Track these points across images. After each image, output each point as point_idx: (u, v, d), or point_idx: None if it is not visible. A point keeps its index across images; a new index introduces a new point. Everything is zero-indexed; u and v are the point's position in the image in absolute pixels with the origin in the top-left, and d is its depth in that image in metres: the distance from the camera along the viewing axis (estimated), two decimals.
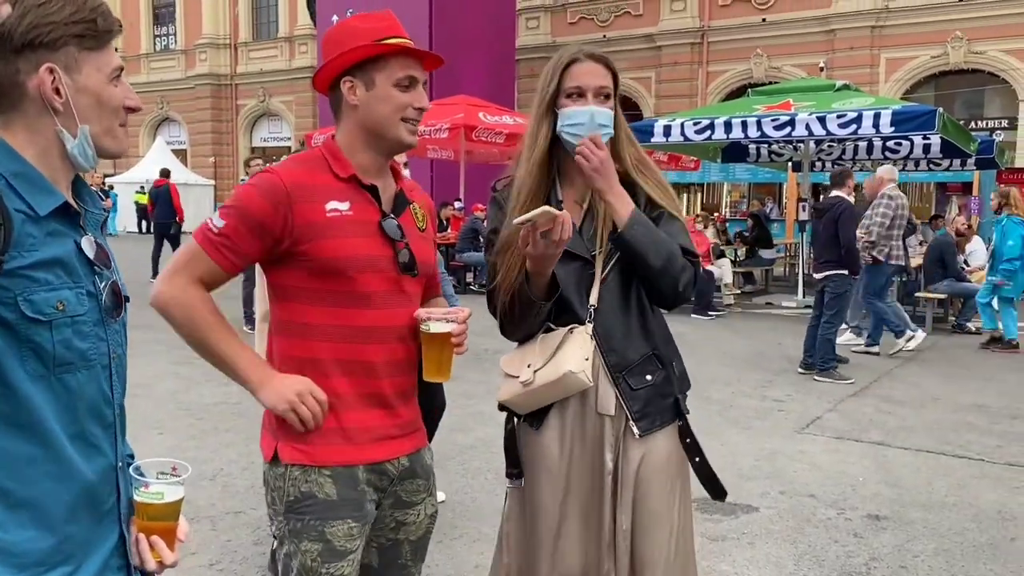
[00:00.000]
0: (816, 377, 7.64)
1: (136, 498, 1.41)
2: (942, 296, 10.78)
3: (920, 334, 9.06)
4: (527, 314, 2.02)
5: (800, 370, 7.85)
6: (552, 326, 2.06)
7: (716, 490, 2.15)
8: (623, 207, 1.98)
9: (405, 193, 1.92)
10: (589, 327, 2.02)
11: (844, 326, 9.43)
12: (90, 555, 1.36)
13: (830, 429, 6.04)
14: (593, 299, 2.03)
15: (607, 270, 2.04)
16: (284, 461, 1.79)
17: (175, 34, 33.28)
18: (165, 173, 16.08)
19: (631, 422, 2.02)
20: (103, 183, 18.60)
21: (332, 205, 1.78)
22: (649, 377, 2.04)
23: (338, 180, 1.81)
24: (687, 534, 2.12)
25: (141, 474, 1.41)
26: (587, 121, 1.98)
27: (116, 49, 1.42)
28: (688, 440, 2.09)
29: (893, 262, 8.75)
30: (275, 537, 1.88)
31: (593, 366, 2.00)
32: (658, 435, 2.04)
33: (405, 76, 1.79)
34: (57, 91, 1.29)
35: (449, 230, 14.01)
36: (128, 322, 1.47)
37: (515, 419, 2.16)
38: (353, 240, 1.78)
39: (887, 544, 4.01)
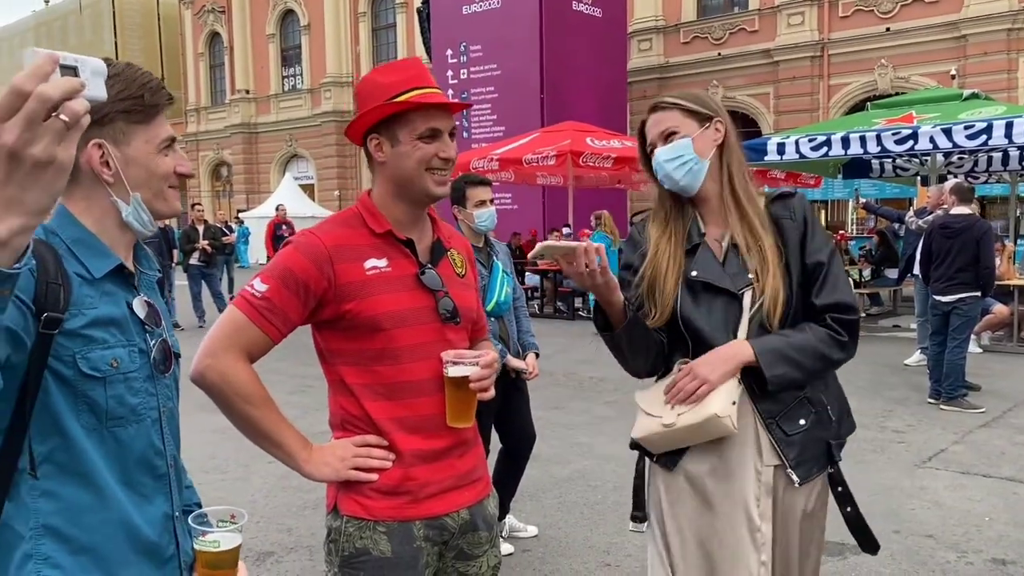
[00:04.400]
0: (943, 406, 7.15)
1: (195, 546, 1.47)
2: None
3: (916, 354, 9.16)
4: (609, 345, 1.97)
5: (929, 400, 7.36)
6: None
7: (868, 542, 2.02)
8: (738, 357, 1.88)
9: (443, 241, 1.91)
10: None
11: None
12: None
13: (955, 463, 5.63)
14: (741, 337, 1.91)
15: (755, 308, 1.92)
16: (343, 513, 1.80)
17: (301, 74, 34.78)
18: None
19: (789, 470, 1.90)
20: (226, 220, 19.70)
21: (370, 263, 1.79)
22: (803, 421, 1.92)
23: (374, 236, 1.81)
24: None
25: (200, 523, 1.46)
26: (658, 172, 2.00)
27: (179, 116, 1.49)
28: (840, 489, 1.98)
29: None
30: None
31: (741, 411, 1.89)
32: (817, 482, 1.94)
33: (427, 129, 1.79)
34: (107, 164, 1.38)
35: None
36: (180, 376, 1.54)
37: (647, 458, 2.07)
38: (392, 296, 1.78)
39: None
